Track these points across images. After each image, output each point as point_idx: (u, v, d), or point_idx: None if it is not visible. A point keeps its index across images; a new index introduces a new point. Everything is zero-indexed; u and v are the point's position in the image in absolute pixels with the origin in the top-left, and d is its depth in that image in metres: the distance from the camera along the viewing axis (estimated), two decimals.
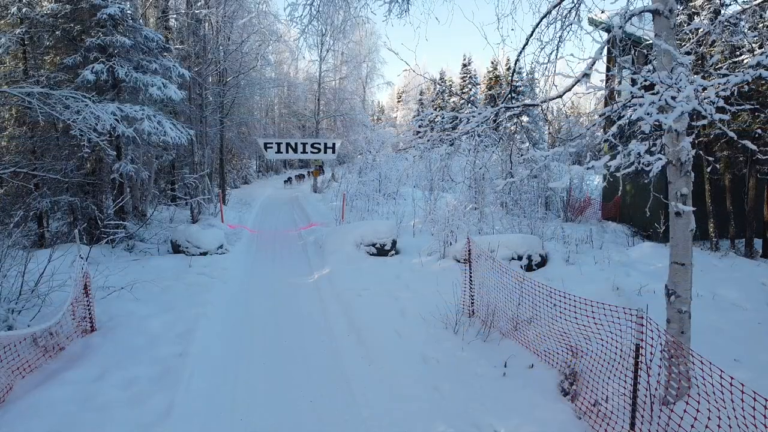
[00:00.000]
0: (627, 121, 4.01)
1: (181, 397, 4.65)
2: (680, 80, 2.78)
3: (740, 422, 2.89)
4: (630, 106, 3.49)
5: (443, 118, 5.49)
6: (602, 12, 4.11)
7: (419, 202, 15.21)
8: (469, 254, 6.68)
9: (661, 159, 3.13)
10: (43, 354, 5.28)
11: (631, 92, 3.02)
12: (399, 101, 58.45)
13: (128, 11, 11.23)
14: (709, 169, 10.24)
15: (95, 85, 10.61)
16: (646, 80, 3.02)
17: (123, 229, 10.68)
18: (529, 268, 8.76)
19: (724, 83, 3.00)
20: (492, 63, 45.95)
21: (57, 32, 11.15)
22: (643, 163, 3.06)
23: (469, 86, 45.21)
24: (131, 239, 10.74)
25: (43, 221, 11.26)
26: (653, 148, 4.01)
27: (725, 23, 4.31)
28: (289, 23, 29.20)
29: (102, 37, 10.65)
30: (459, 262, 8.52)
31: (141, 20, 14.20)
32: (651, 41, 4.58)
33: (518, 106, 4.18)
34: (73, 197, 10.65)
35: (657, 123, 3.00)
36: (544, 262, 9.10)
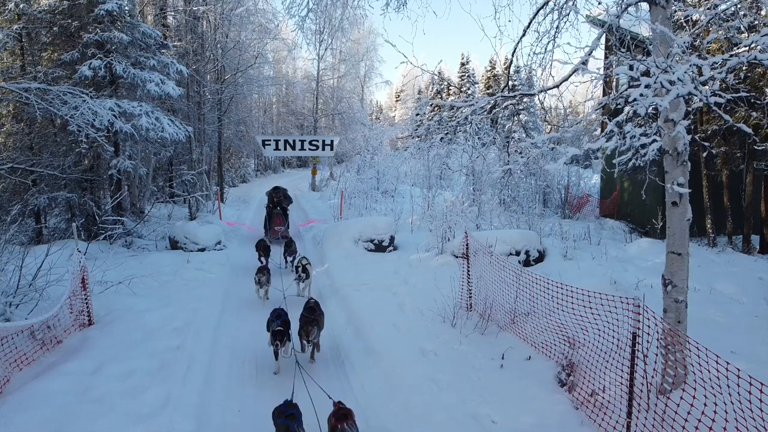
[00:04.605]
0: (625, 118, 4.02)
1: (178, 389, 4.65)
2: (675, 65, 2.79)
3: (736, 407, 2.90)
4: (629, 101, 3.49)
5: (441, 117, 5.49)
6: (599, 3, 4.12)
7: (417, 199, 15.22)
8: (467, 249, 6.69)
9: (656, 141, 3.13)
10: (41, 347, 5.27)
11: (630, 76, 3.02)
12: (397, 100, 58.52)
13: (126, 7, 11.22)
14: (705, 155, 10.26)
15: (93, 81, 10.59)
16: (644, 66, 3.03)
17: (121, 225, 10.66)
18: (527, 263, 8.77)
19: (720, 63, 3.01)
20: (490, 62, 46.08)
21: (54, 28, 11.12)
22: (638, 148, 3.06)
23: (468, 85, 45.25)
24: (129, 235, 10.72)
25: (40, 218, 11.24)
26: (648, 131, 4.02)
27: (722, 15, 4.32)
28: (286, 17, 29.20)
29: (100, 33, 10.63)
30: (457, 257, 8.52)
31: (139, 17, 14.19)
32: (648, 35, 4.59)
33: (515, 96, 4.20)
34: (71, 193, 10.63)
35: (654, 111, 3.00)
36: (542, 257, 9.12)
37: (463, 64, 46.66)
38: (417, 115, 34.27)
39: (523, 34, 4.30)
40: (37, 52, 11.72)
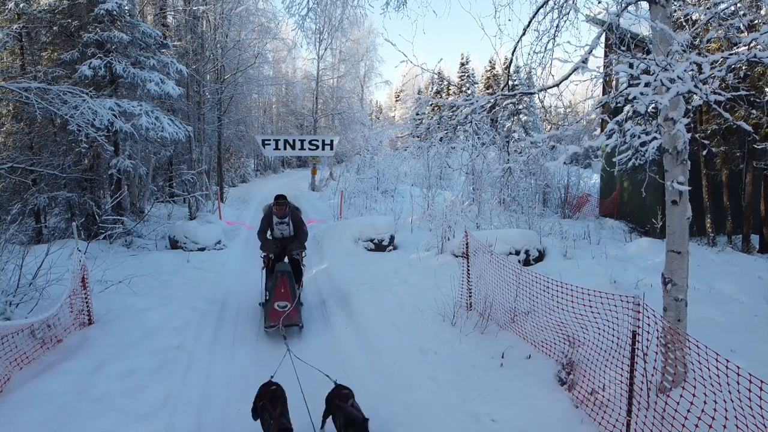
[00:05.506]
0: (625, 117, 4.02)
1: (178, 388, 4.65)
2: (674, 63, 2.79)
3: (736, 405, 2.91)
4: (629, 100, 3.50)
5: (441, 117, 5.50)
6: (599, 2, 4.13)
7: (417, 198, 15.23)
8: (467, 248, 6.69)
9: (657, 139, 3.14)
10: (41, 346, 5.27)
11: (629, 74, 3.03)
12: (397, 100, 58.54)
13: (126, 7, 11.24)
14: (704, 153, 10.27)
15: (93, 80, 10.61)
16: (644, 65, 3.04)
17: (121, 224, 10.66)
18: (526, 262, 8.77)
19: (720, 61, 3.01)
20: (490, 62, 46.14)
21: (54, 28, 11.13)
22: (638, 147, 3.07)
23: (468, 85, 45.27)
24: (129, 235, 10.73)
25: (40, 217, 11.25)
26: (648, 129, 4.03)
27: (722, 15, 4.33)
28: (286, 16, 29.21)
29: (100, 33, 10.66)
30: (457, 257, 8.53)
31: (139, 16, 14.20)
32: (648, 34, 4.60)
33: (515, 94, 4.20)
34: (71, 193, 10.64)
35: (654, 109, 3.01)
36: (541, 257, 9.12)
37: (462, 64, 46.68)
38: (417, 114, 34.26)
39: (523, 33, 4.32)
40: (37, 51, 11.73)
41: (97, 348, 5.34)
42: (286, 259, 6.90)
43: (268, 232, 6.95)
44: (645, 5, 4.00)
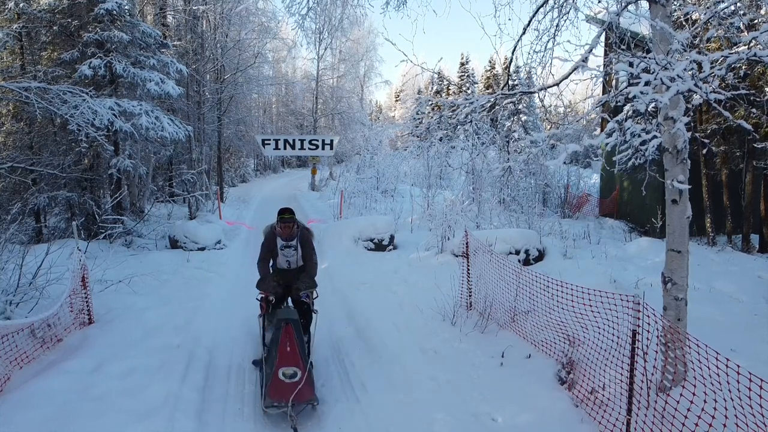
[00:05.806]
0: (625, 116, 4.02)
1: (177, 387, 4.64)
2: (674, 62, 2.80)
3: (736, 404, 2.91)
4: (629, 99, 3.50)
5: (441, 116, 5.50)
6: (599, 1, 4.14)
7: (417, 198, 15.24)
8: (467, 248, 6.69)
9: (657, 137, 3.14)
10: (41, 345, 5.27)
11: (629, 73, 3.04)
12: (397, 100, 58.53)
13: (126, 7, 11.23)
14: (704, 152, 10.27)
15: (93, 80, 10.61)
16: (644, 63, 3.04)
17: (121, 224, 10.66)
18: (526, 262, 8.78)
19: (720, 60, 3.02)
20: (490, 62, 46.17)
21: (54, 27, 11.13)
22: (638, 147, 3.07)
23: (468, 85, 45.27)
24: (129, 234, 10.73)
25: (40, 217, 11.25)
26: (648, 127, 4.04)
27: (721, 14, 4.33)
28: (286, 15, 29.21)
29: (100, 33, 10.65)
30: (457, 256, 8.53)
31: (139, 16, 14.20)
32: (647, 33, 4.61)
33: (515, 93, 4.21)
34: (71, 193, 10.64)
35: (654, 108, 3.02)
36: (541, 256, 9.13)
37: (462, 64, 46.69)
38: (417, 114, 34.26)
39: (523, 33, 4.32)
40: (37, 51, 11.73)
41: (97, 347, 5.34)
42: (290, 301, 5.36)
43: (271, 262, 5.40)
44: (645, 4, 4.02)
